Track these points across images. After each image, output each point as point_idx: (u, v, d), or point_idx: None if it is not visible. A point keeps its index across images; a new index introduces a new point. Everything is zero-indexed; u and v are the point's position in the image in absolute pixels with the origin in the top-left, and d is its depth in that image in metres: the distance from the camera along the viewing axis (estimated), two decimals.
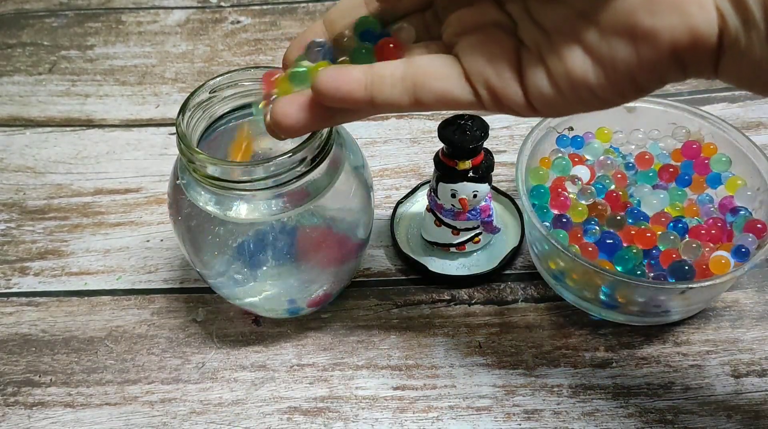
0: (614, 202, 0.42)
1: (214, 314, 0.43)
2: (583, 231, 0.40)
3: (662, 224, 0.40)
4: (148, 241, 0.47)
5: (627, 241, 0.40)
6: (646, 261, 0.40)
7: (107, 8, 0.68)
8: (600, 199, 0.42)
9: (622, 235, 0.40)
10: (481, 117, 0.39)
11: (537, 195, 0.42)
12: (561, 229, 0.41)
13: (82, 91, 0.59)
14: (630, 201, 0.43)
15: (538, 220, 0.38)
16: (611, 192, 0.43)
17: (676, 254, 0.38)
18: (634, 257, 0.39)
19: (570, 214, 0.41)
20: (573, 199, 0.42)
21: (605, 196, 0.42)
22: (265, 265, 0.36)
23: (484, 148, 0.40)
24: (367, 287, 0.44)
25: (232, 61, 0.61)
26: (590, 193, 0.42)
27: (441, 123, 0.39)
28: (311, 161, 0.32)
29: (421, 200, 0.48)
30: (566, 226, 0.41)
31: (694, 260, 0.38)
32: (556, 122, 0.44)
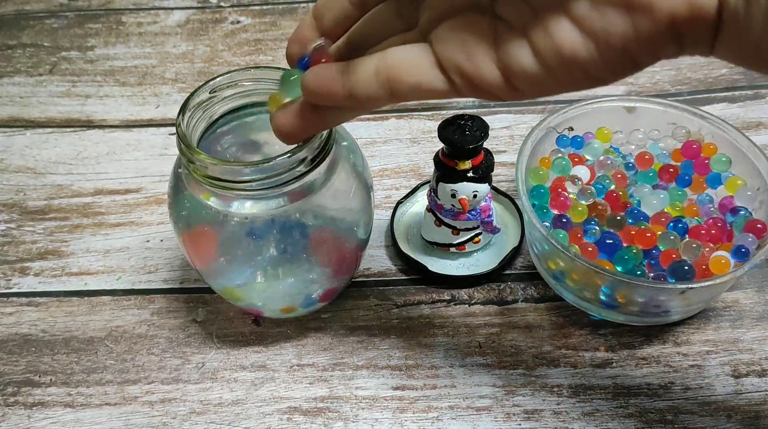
0: (614, 202, 0.42)
1: (214, 314, 0.43)
2: (583, 231, 0.40)
3: (662, 224, 0.40)
4: (148, 241, 0.47)
5: (627, 241, 0.40)
6: (646, 261, 0.40)
7: (107, 9, 0.68)
8: (600, 199, 0.42)
9: (622, 235, 0.40)
10: (481, 117, 0.39)
11: (537, 195, 0.42)
12: (561, 229, 0.41)
13: (82, 92, 0.59)
14: (630, 201, 0.43)
15: (538, 220, 0.38)
16: (611, 192, 0.43)
17: (676, 254, 0.38)
18: (634, 257, 0.39)
19: (570, 214, 0.41)
20: (573, 199, 0.42)
21: (605, 196, 0.42)
22: (264, 266, 0.36)
23: (484, 148, 0.40)
24: (367, 287, 0.44)
25: (232, 61, 0.61)
26: (590, 193, 0.42)
27: (441, 123, 0.39)
28: (311, 161, 0.32)
29: (421, 200, 0.48)
30: (566, 226, 0.41)
31: (694, 260, 0.38)
32: (556, 122, 0.44)
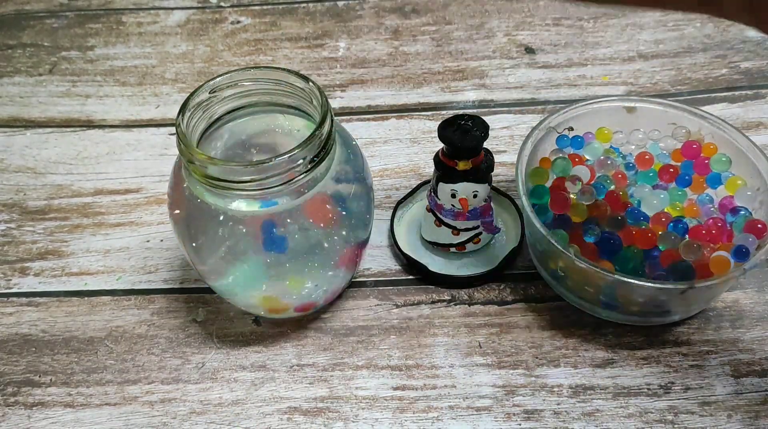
0: (614, 202, 0.42)
1: (214, 314, 0.43)
2: (583, 231, 0.40)
3: (662, 224, 0.40)
4: (148, 242, 0.47)
5: (627, 241, 0.40)
6: (647, 261, 0.40)
7: (107, 9, 0.68)
8: (600, 199, 0.42)
9: (622, 235, 0.40)
10: (481, 117, 0.39)
11: (537, 195, 0.42)
12: (561, 229, 0.41)
13: (82, 92, 0.59)
14: (630, 201, 0.43)
15: (538, 220, 0.38)
16: (611, 192, 0.43)
17: (676, 254, 0.38)
18: (634, 257, 0.39)
19: (570, 214, 0.41)
20: (573, 199, 0.42)
21: (605, 196, 0.42)
22: (264, 266, 0.36)
23: (484, 148, 0.40)
24: (367, 287, 0.44)
25: (232, 61, 0.61)
26: (590, 193, 0.42)
27: (441, 123, 0.39)
28: (311, 161, 0.32)
29: (421, 200, 0.48)
30: (566, 226, 0.41)
31: (694, 260, 0.38)
32: (556, 122, 0.44)
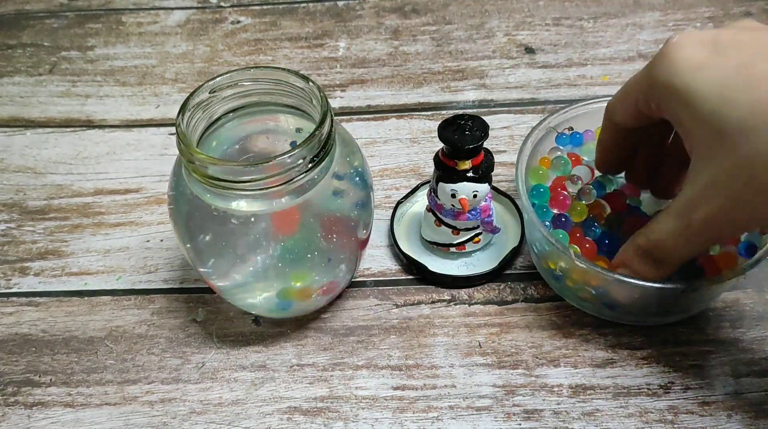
0: (614, 202, 0.42)
1: (214, 314, 0.43)
2: (583, 231, 0.40)
3: None
4: (148, 241, 0.47)
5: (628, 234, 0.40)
6: None
7: (107, 9, 0.68)
8: (600, 198, 0.42)
9: (625, 229, 0.40)
10: (481, 117, 0.39)
11: (537, 195, 0.42)
12: (561, 229, 0.41)
13: (82, 92, 0.59)
14: (630, 202, 0.43)
15: (538, 220, 0.38)
16: (611, 192, 0.43)
17: None
18: None
19: (570, 214, 0.41)
20: (573, 199, 0.42)
21: (605, 196, 0.42)
22: (265, 265, 0.36)
23: (484, 148, 0.40)
24: (367, 287, 0.44)
25: (232, 61, 0.61)
26: (590, 192, 0.42)
27: (441, 123, 0.39)
28: (311, 161, 0.32)
29: (421, 200, 0.48)
30: (566, 226, 0.41)
31: (700, 258, 0.38)
32: (556, 122, 0.44)
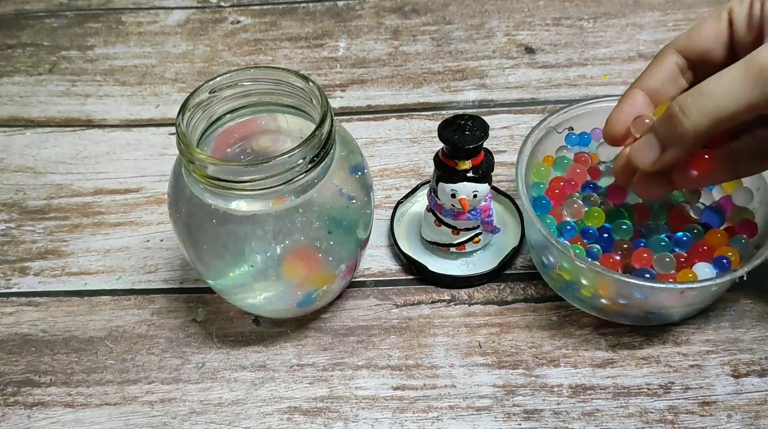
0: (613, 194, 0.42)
1: (214, 314, 0.43)
2: (582, 233, 0.40)
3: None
4: (148, 241, 0.47)
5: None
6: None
7: (107, 9, 0.68)
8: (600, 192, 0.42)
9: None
10: (481, 117, 0.39)
11: (537, 194, 0.42)
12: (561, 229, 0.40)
13: (82, 92, 0.59)
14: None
15: (538, 220, 0.38)
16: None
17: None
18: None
19: (586, 221, 0.41)
20: (584, 207, 0.41)
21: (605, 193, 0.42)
22: (265, 265, 0.36)
23: (484, 148, 0.40)
24: (367, 287, 0.44)
25: (232, 61, 0.61)
26: (592, 199, 0.42)
27: (441, 123, 0.39)
28: (311, 161, 0.32)
29: (421, 200, 0.48)
30: (570, 234, 0.40)
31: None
32: (556, 122, 0.44)
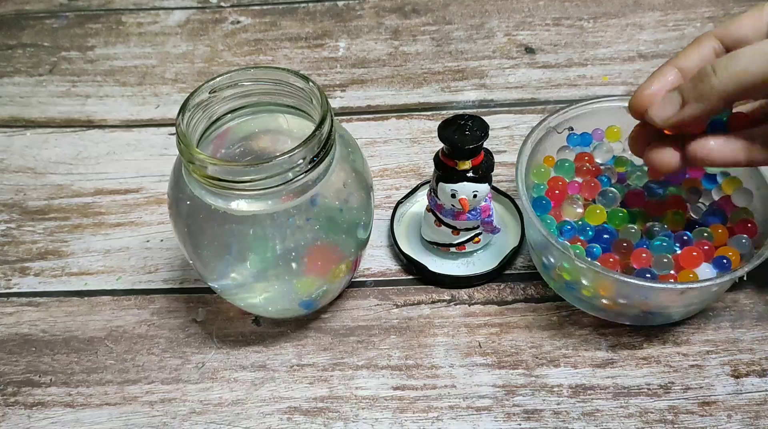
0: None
1: (214, 314, 0.43)
2: (582, 232, 0.40)
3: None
4: (148, 242, 0.47)
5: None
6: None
7: (107, 9, 0.68)
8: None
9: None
10: (481, 117, 0.39)
11: (537, 194, 0.42)
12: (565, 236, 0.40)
13: (82, 92, 0.59)
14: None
15: (538, 220, 0.38)
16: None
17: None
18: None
19: (588, 220, 0.41)
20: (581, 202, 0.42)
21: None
22: (265, 265, 0.36)
23: (484, 148, 0.40)
24: (367, 287, 0.44)
25: (232, 61, 0.61)
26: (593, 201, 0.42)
27: (441, 123, 0.39)
28: (311, 161, 0.32)
29: (421, 200, 0.48)
30: (570, 234, 0.40)
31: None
32: (556, 122, 0.44)
